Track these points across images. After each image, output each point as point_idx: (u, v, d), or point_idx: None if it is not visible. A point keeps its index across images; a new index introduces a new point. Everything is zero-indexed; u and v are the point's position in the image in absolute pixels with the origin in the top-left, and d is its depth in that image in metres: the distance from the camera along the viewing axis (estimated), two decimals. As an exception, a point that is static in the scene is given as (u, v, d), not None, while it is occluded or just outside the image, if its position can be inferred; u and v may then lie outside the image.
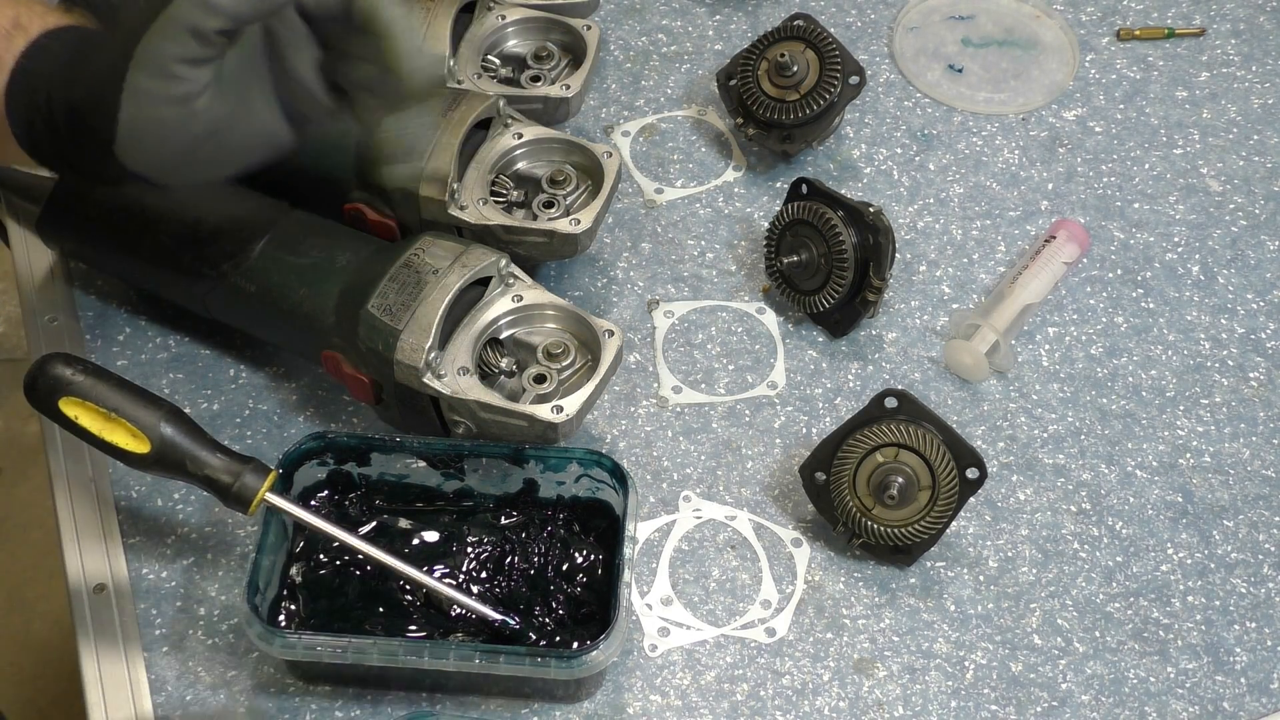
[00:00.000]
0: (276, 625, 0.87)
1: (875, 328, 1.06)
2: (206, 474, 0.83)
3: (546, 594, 0.89)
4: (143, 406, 0.82)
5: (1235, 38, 1.23)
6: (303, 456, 0.90)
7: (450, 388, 0.89)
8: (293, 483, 0.90)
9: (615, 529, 0.89)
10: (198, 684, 0.88)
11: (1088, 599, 0.93)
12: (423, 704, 0.87)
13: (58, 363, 0.82)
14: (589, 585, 0.89)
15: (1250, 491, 0.98)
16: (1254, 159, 1.16)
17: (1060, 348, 1.05)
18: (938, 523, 0.91)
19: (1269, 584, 0.94)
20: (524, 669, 0.82)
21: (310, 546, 0.91)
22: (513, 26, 1.09)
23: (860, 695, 0.89)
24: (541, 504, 0.92)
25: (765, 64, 1.10)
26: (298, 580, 0.89)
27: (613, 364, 0.91)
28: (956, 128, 1.18)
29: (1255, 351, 1.05)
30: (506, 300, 0.93)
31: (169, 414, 0.83)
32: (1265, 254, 1.10)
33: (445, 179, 0.96)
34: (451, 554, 0.90)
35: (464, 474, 0.92)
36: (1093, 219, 1.12)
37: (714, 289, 1.08)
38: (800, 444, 0.99)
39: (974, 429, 1.00)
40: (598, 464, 0.90)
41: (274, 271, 0.95)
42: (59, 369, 0.82)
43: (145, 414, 0.82)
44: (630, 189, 1.13)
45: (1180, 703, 0.89)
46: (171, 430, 0.82)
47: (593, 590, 0.89)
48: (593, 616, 0.88)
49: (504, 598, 0.89)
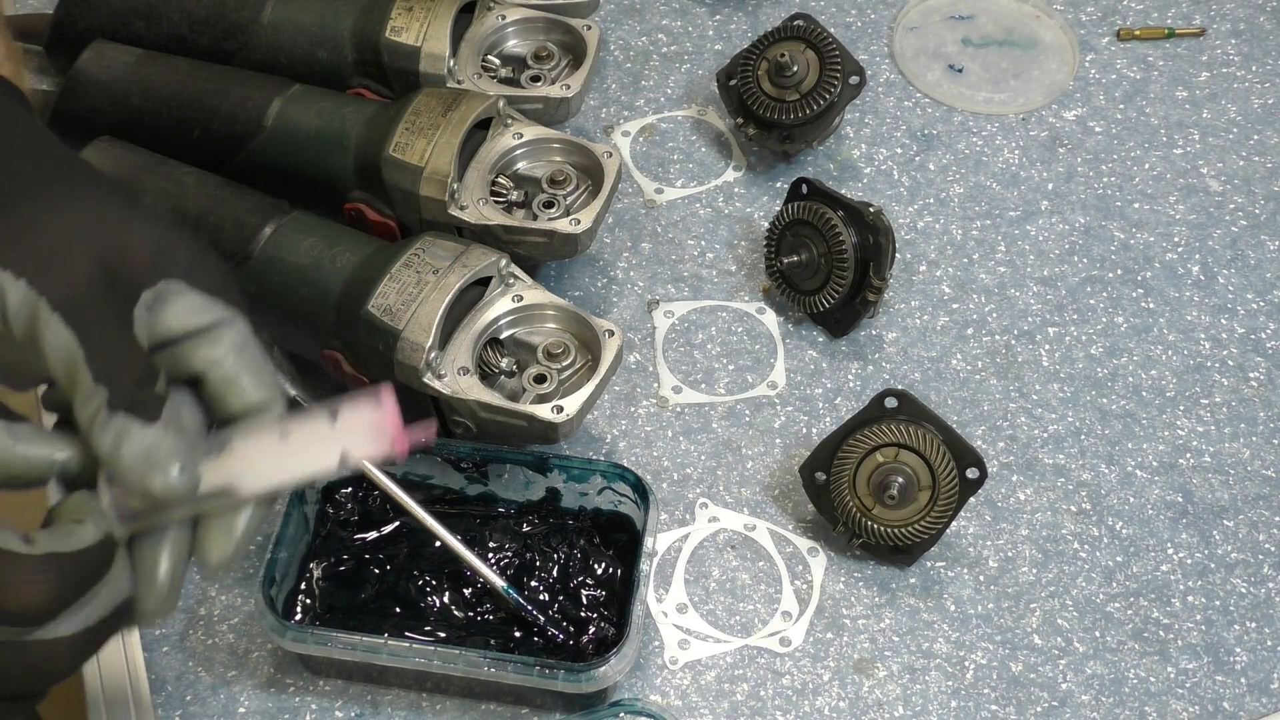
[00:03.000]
0: (291, 618, 0.87)
1: (875, 328, 1.06)
2: (294, 399, 0.80)
3: (564, 604, 0.89)
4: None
5: (1235, 38, 1.23)
6: None
7: (450, 388, 0.89)
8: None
9: (634, 543, 0.89)
10: (198, 684, 0.88)
11: (1088, 599, 0.93)
12: (423, 704, 0.87)
13: None
14: (606, 600, 0.89)
15: (1250, 491, 0.98)
16: (1254, 159, 1.16)
17: (1060, 348, 1.05)
18: (938, 523, 0.91)
19: (1269, 584, 0.94)
20: (532, 680, 0.82)
21: (331, 543, 0.91)
22: (513, 26, 1.09)
23: (860, 695, 0.89)
24: (563, 513, 0.92)
25: (765, 64, 1.10)
26: (316, 575, 0.90)
27: (613, 364, 0.91)
28: (956, 128, 1.18)
29: (1255, 351, 1.05)
30: (506, 300, 0.93)
31: (272, 335, 0.77)
32: (1265, 254, 1.10)
33: (445, 179, 0.96)
34: None
35: (487, 479, 0.92)
36: (1093, 219, 1.12)
37: (714, 289, 1.08)
38: (800, 444, 0.99)
39: (974, 429, 1.00)
40: (621, 478, 0.90)
41: (274, 271, 0.95)
42: None
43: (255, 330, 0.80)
44: (630, 189, 1.13)
45: (1180, 703, 0.89)
46: (275, 349, 0.78)
47: (609, 604, 0.89)
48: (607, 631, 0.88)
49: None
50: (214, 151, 1.02)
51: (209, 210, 0.97)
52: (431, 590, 0.89)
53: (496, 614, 0.88)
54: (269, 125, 1.00)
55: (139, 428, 0.58)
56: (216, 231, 0.96)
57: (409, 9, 1.05)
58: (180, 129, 1.02)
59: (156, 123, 1.03)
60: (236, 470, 0.62)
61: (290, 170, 1.01)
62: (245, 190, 0.99)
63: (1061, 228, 1.11)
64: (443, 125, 0.97)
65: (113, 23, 1.08)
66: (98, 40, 1.06)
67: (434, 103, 0.99)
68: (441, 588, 0.89)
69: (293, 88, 1.02)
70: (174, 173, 1.00)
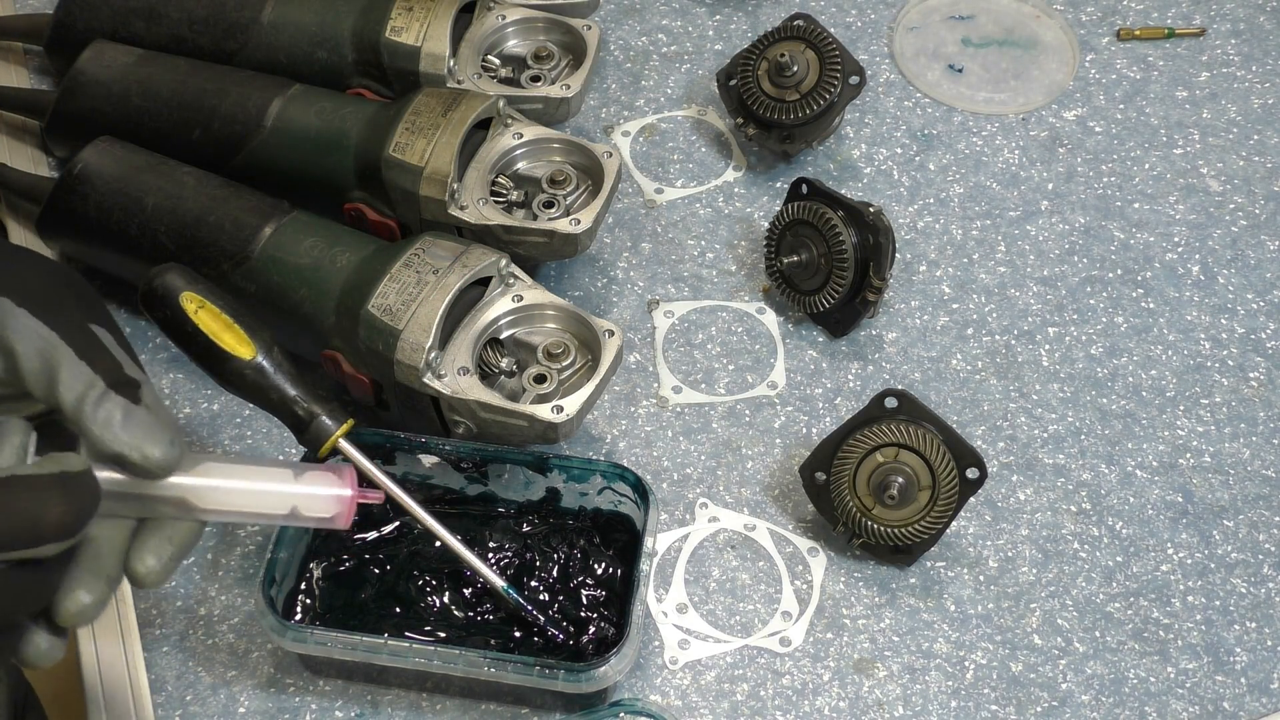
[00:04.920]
0: (291, 618, 0.87)
1: (875, 328, 1.06)
2: (294, 397, 0.81)
3: (563, 604, 0.89)
4: (253, 319, 0.82)
5: (1235, 38, 1.23)
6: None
7: (450, 388, 0.89)
8: None
9: (634, 543, 0.89)
10: (198, 684, 0.88)
11: (1088, 599, 0.93)
12: (423, 704, 0.87)
13: (177, 270, 0.81)
14: (606, 600, 0.89)
15: (1250, 491, 0.98)
16: (1254, 159, 1.16)
17: (1060, 348, 1.05)
18: (938, 523, 0.91)
19: (1269, 584, 0.94)
20: (532, 680, 0.82)
21: (331, 543, 0.91)
22: (513, 26, 1.09)
23: (860, 695, 0.89)
24: (563, 513, 0.92)
25: (765, 64, 1.10)
26: (317, 575, 0.90)
27: (613, 364, 0.91)
28: (956, 128, 1.18)
29: (1255, 351, 1.05)
30: (506, 300, 0.93)
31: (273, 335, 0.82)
32: (1265, 254, 1.10)
33: (445, 179, 0.96)
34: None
35: (487, 479, 0.92)
36: (1093, 219, 1.12)
37: (714, 289, 1.08)
38: (800, 444, 0.99)
39: (974, 429, 1.00)
40: (621, 478, 0.90)
41: (274, 271, 0.95)
42: (180, 272, 0.81)
43: (257, 326, 0.81)
44: (630, 189, 1.13)
45: (1180, 703, 0.89)
46: (276, 348, 0.81)
47: (609, 604, 0.89)
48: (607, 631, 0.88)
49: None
50: (214, 151, 1.02)
51: (209, 210, 0.97)
52: (431, 590, 0.89)
53: (496, 614, 0.88)
54: (269, 125, 1.00)
55: (131, 406, 0.61)
56: (216, 231, 0.96)
57: (409, 9, 1.05)
58: (180, 129, 1.02)
59: (156, 123, 1.03)
60: (197, 488, 0.65)
61: (290, 170, 1.01)
62: (245, 190, 0.99)
63: (1061, 228, 1.11)
64: (443, 125, 0.97)
65: (113, 23, 1.08)
66: (98, 40, 1.06)
67: (434, 103, 0.99)
68: (441, 588, 0.89)
69: (293, 88, 1.02)
70: (174, 173, 1.00)
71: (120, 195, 0.99)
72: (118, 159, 1.00)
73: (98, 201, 0.99)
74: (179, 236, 0.97)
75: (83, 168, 1.00)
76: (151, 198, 0.98)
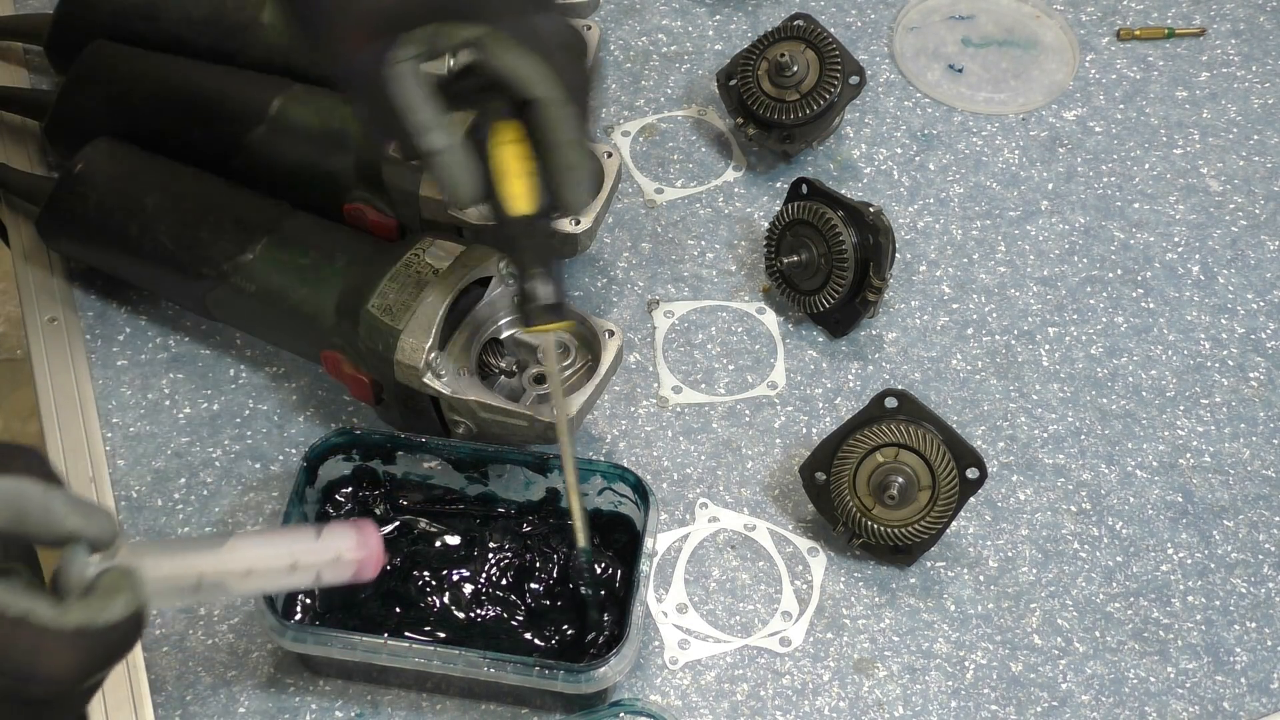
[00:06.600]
0: (291, 617, 0.87)
1: (875, 328, 1.06)
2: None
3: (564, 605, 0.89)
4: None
5: (1235, 38, 1.23)
6: (329, 450, 0.90)
7: (450, 388, 0.89)
8: (318, 476, 0.90)
9: (634, 544, 0.89)
10: (198, 684, 0.88)
11: (1088, 599, 0.93)
12: (423, 704, 0.87)
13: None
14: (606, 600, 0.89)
15: (1250, 491, 0.98)
16: (1254, 159, 1.16)
17: (1060, 348, 1.05)
18: (938, 523, 0.91)
19: (1269, 584, 0.94)
20: (532, 680, 0.82)
21: None
22: (513, 26, 1.09)
23: (860, 695, 0.89)
24: (563, 513, 0.92)
25: (765, 64, 1.10)
26: None
27: (613, 364, 0.91)
28: (956, 128, 1.18)
29: (1255, 351, 1.05)
30: (506, 300, 0.93)
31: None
32: (1265, 254, 1.10)
33: (445, 179, 0.96)
34: (473, 558, 0.90)
35: (487, 479, 0.92)
36: (1093, 219, 1.12)
37: (714, 289, 1.08)
38: (800, 444, 0.99)
39: (974, 429, 1.00)
40: (621, 478, 0.89)
41: (274, 271, 0.95)
42: None
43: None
44: (630, 189, 1.13)
45: (1180, 703, 0.89)
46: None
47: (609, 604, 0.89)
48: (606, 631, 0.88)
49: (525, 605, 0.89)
50: (214, 151, 1.02)
51: (209, 210, 0.97)
52: (431, 590, 0.89)
53: (496, 614, 0.88)
54: (269, 125, 1.00)
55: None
56: (216, 231, 0.96)
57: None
58: (180, 129, 1.02)
59: (156, 123, 1.03)
60: (234, 570, 0.66)
61: (290, 169, 1.01)
62: (245, 190, 0.99)
63: (1061, 228, 1.11)
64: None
65: (113, 23, 1.08)
66: (98, 40, 1.06)
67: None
68: (441, 588, 0.89)
69: (293, 87, 1.02)
70: (174, 173, 1.00)
71: (120, 195, 0.99)
72: (118, 159, 1.00)
73: (98, 201, 0.99)
74: (179, 236, 0.97)
75: (83, 168, 1.00)
76: (151, 198, 0.98)
